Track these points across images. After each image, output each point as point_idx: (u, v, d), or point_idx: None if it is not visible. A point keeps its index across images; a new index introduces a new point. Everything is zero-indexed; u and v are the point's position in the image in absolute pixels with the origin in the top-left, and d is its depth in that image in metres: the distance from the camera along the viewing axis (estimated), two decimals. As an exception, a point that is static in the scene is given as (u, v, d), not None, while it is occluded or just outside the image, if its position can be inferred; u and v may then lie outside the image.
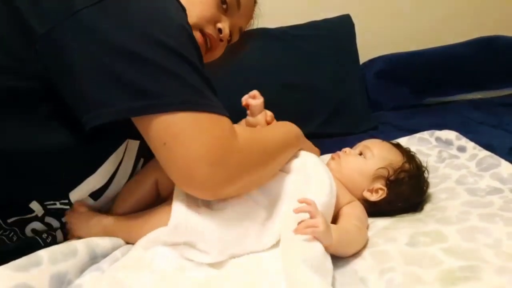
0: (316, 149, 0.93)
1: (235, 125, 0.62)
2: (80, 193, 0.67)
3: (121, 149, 0.69)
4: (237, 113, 0.94)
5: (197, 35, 0.75)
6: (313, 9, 1.65)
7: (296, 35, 1.51)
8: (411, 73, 1.61)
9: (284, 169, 0.75)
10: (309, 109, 1.42)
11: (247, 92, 0.88)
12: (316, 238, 0.60)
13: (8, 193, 0.63)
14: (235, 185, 0.61)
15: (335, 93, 1.46)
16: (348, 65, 1.54)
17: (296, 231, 0.61)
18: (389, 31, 1.77)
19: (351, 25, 1.58)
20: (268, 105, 0.88)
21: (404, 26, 1.79)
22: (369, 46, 1.66)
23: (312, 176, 0.72)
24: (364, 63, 1.66)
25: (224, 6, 0.78)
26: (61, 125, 0.60)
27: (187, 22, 0.60)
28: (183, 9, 0.62)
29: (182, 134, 0.55)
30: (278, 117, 0.92)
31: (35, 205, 0.66)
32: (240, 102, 0.87)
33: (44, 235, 0.70)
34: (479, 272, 0.57)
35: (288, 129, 0.79)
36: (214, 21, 0.77)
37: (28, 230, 0.69)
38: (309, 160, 0.77)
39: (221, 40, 0.80)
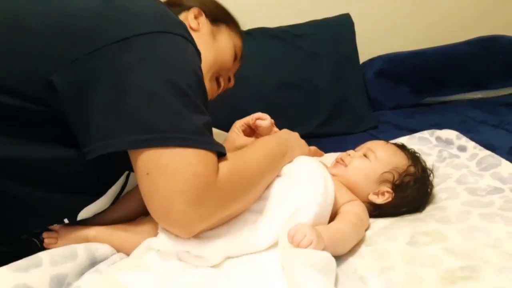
0: (312, 149, 0.92)
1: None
2: (87, 213, 0.68)
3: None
4: (237, 113, 0.94)
5: (213, 83, 0.84)
6: (313, 9, 1.65)
7: (296, 34, 1.51)
8: (411, 73, 1.61)
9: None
10: (309, 109, 1.42)
11: (246, 92, 0.88)
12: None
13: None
14: (210, 222, 0.61)
15: (335, 93, 1.46)
16: (348, 64, 1.53)
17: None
18: (389, 31, 1.77)
19: (351, 25, 1.58)
20: (268, 104, 0.88)
21: (404, 26, 1.79)
22: (369, 46, 1.66)
23: (304, 177, 0.72)
24: (364, 63, 1.66)
25: (234, 57, 0.86)
26: (68, 147, 0.61)
27: (199, 68, 0.63)
28: (198, 53, 0.65)
29: (165, 167, 0.56)
30: (278, 116, 0.92)
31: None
32: (239, 103, 0.88)
33: (41, 237, 0.70)
34: (479, 271, 0.57)
35: (273, 148, 0.76)
36: (228, 71, 0.85)
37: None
38: (302, 162, 0.77)
39: (226, 88, 0.89)
